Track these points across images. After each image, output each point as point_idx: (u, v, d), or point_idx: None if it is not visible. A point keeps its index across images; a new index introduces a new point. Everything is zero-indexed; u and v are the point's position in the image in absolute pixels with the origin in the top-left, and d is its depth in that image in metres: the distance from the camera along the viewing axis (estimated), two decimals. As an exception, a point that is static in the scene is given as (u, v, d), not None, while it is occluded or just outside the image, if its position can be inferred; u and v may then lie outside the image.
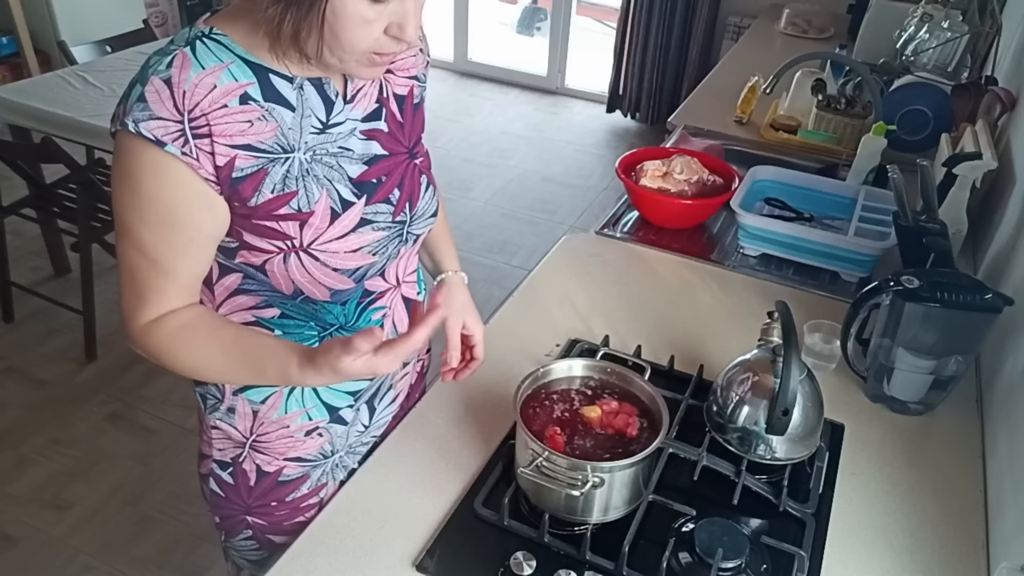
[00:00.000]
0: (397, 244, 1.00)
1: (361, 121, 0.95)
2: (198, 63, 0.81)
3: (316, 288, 0.95)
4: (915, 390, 1.22)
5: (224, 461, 1.09)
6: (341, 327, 1.03)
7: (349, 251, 0.94)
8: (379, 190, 0.96)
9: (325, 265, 0.93)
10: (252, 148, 0.84)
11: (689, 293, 1.53)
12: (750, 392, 1.06)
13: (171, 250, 0.87)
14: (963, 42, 2.16)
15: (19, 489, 2.24)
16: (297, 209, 0.89)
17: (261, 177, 0.86)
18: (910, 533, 1.04)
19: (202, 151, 0.81)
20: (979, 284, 1.17)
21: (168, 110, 0.80)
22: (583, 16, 5.53)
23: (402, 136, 1.00)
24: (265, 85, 0.85)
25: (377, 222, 0.96)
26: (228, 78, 0.83)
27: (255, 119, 0.84)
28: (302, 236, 0.90)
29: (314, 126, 0.90)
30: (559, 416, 1.01)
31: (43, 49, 4.03)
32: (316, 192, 0.90)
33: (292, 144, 0.88)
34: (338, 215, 0.92)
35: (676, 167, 1.72)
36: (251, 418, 1.05)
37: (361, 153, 0.95)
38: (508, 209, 3.81)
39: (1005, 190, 1.58)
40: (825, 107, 2.15)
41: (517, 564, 0.93)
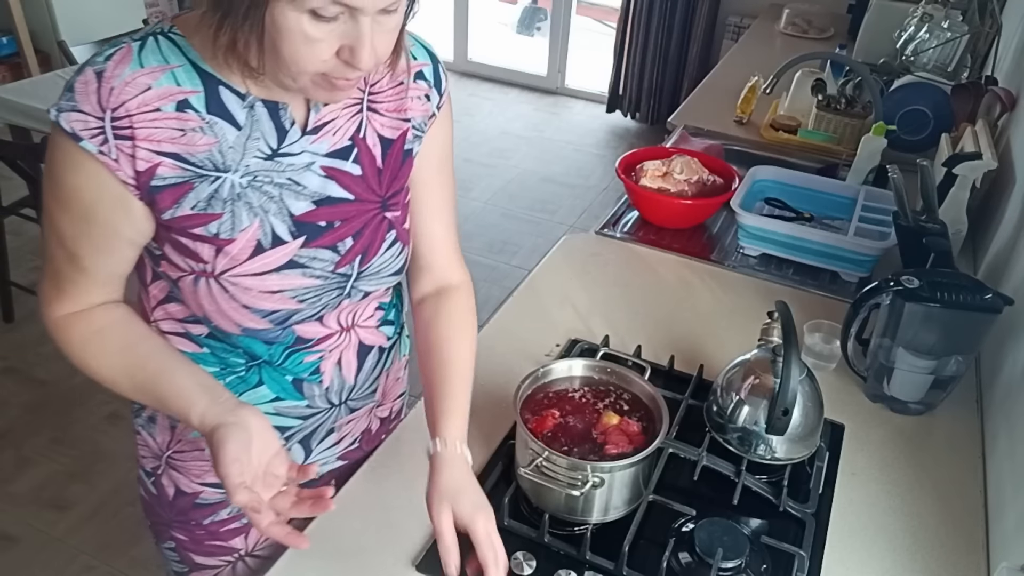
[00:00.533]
0: (336, 296, 0.92)
1: (324, 156, 0.87)
2: (138, 60, 0.77)
3: (223, 320, 0.87)
4: (915, 390, 1.22)
5: (146, 470, 1.06)
6: (268, 363, 0.96)
7: (265, 291, 0.86)
8: (325, 234, 0.88)
9: (234, 299, 0.86)
10: (180, 158, 0.79)
11: (689, 293, 1.53)
12: (750, 392, 1.06)
13: (88, 246, 0.83)
14: (963, 42, 2.16)
15: (19, 489, 2.24)
16: (215, 234, 0.82)
17: (184, 191, 0.80)
18: (910, 533, 1.04)
19: (122, 152, 0.77)
20: (979, 284, 1.17)
21: (91, 104, 0.76)
22: (583, 16, 5.53)
23: (377, 183, 0.91)
24: (212, 96, 0.79)
25: (311, 268, 0.88)
26: (169, 81, 0.77)
27: (190, 129, 0.79)
28: (215, 262, 0.84)
29: (261, 150, 0.83)
30: (560, 413, 1.01)
31: (43, 49, 4.03)
32: (245, 220, 0.83)
33: (228, 164, 0.81)
34: (263, 250, 0.85)
35: (676, 167, 1.72)
36: (169, 433, 1.01)
37: (314, 191, 0.86)
38: (508, 209, 3.82)
39: (1005, 190, 1.58)
40: (825, 107, 2.15)
41: (517, 564, 0.93)
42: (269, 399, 0.98)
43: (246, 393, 0.97)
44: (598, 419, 1.00)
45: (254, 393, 0.97)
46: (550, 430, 0.99)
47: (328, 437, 1.08)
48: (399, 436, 1.14)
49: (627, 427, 0.99)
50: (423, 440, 1.12)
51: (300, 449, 1.06)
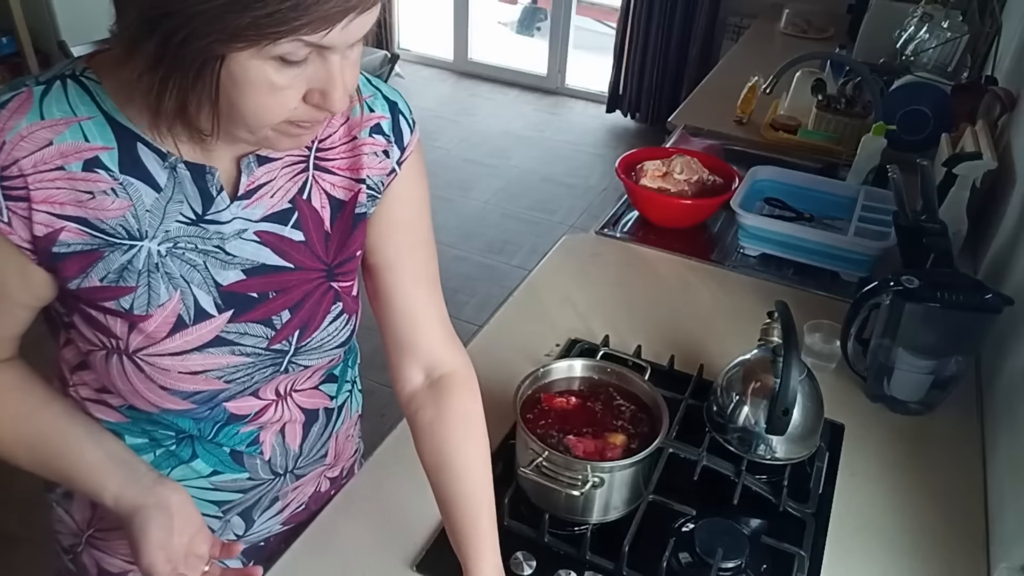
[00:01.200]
0: (270, 373, 0.83)
1: (259, 221, 0.76)
2: (39, 110, 0.66)
3: (139, 400, 0.78)
4: (915, 390, 1.22)
5: (63, 546, 0.95)
6: (197, 438, 0.86)
7: (186, 372, 0.76)
8: (258, 307, 0.78)
9: (151, 380, 0.76)
10: (87, 223, 0.69)
11: (689, 293, 1.53)
12: (750, 392, 1.06)
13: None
14: (963, 42, 2.16)
15: (19, 489, 2.23)
16: (128, 309, 0.72)
17: (92, 260, 0.70)
18: (910, 533, 1.04)
19: (16, 215, 0.67)
20: (979, 284, 1.17)
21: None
22: (583, 16, 5.53)
23: (324, 250, 0.81)
24: (127, 154, 0.69)
25: (241, 345, 0.78)
26: (75, 136, 0.67)
27: (99, 191, 0.68)
28: (128, 339, 0.74)
29: (184, 215, 0.72)
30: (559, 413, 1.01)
31: (43, 49, 4.03)
32: (164, 294, 0.73)
33: (145, 230, 0.71)
34: (185, 326, 0.74)
35: (676, 167, 1.72)
36: (90, 510, 0.91)
37: (245, 259, 0.76)
38: (508, 209, 3.81)
39: (1005, 190, 1.58)
40: (825, 107, 2.15)
41: (517, 564, 0.93)
42: (205, 474, 0.88)
43: (179, 468, 0.87)
44: (603, 434, 0.99)
45: (187, 468, 0.87)
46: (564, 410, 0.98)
47: (272, 506, 0.98)
48: (399, 436, 1.14)
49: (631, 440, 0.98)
50: (423, 440, 1.12)
51: (240, 521, 0.97)
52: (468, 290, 3.10)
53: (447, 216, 3.71)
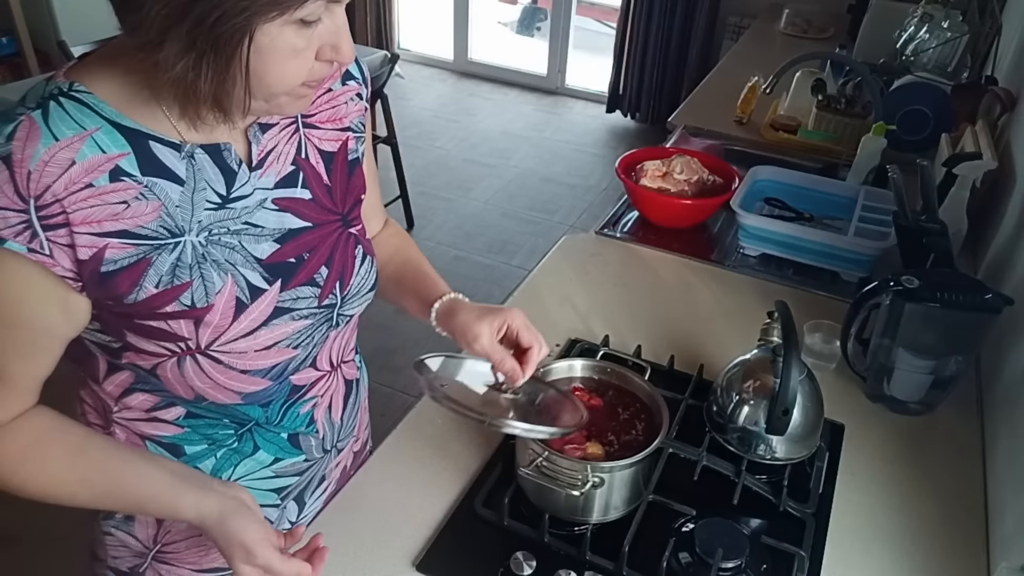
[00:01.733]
0: (326, 331, 0.87)
1: (273, 189, 0.79)
2: (49, 133, 0.65)
3: (221, 393, 0.80)
4: (915, 390, 1.22)
5: (120, 570, 0.95)
6: (262, 425, 0.90)
7: (261, 348, 0.79)
8: (299, 271, 0.81)
9: (231, 368, 0.78)
10: (129, 235, 0.69)
11: (689, 293, 1.53)
12: (750, 392, 1.06)
13: (8, 352, 0.72)
14: (963, 42, 2.16)
15: (19, 489, 2.24)
16: (190, 304, 0.74)
17: (142, 269, 0.71)
18: (910, 533, 1.04)
19: (57, 244, 0.66)
20: (979, 284, 1.17)
21: (8, 198, 0.64)
22: (583, 16, 5.53)
23: (331, 201, 0.85)
24: (143, 155, 0.69)
25: (298, 310, 0.82)
26: (92, 150, 0.67)
27: (131, 199, 0.69)
28: (198, 337, 0.75)
29: (210, 201, 0.74)
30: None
31: (43, 49, 4.03)
32: (218, 281, 0.75)
33: (181, 226, 0.72)
34: (245, 306, 0.77)
35: (676, 167, 1.72)
36: (156, 526, 0.92)
37: (273, 228, 0.79)
38: (508, 209, 3.81)
39: (1005, 190, 1.58)
40: (825, 107, 2.15)
41: (517, 564, 0.93)
42: (268, 463, 0.94)
43: (243, 463, 0.92)
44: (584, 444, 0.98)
45: (252, 461, 0.92)
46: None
47: (319, 486, 1.04)
48: (398, 436, 1.14)
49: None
50: (422, 440, 1.12)
51: (294, 505, 1.01)
52: (468, 290, 3.08)
53: (447, 216, 3.71)
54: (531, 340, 0.90)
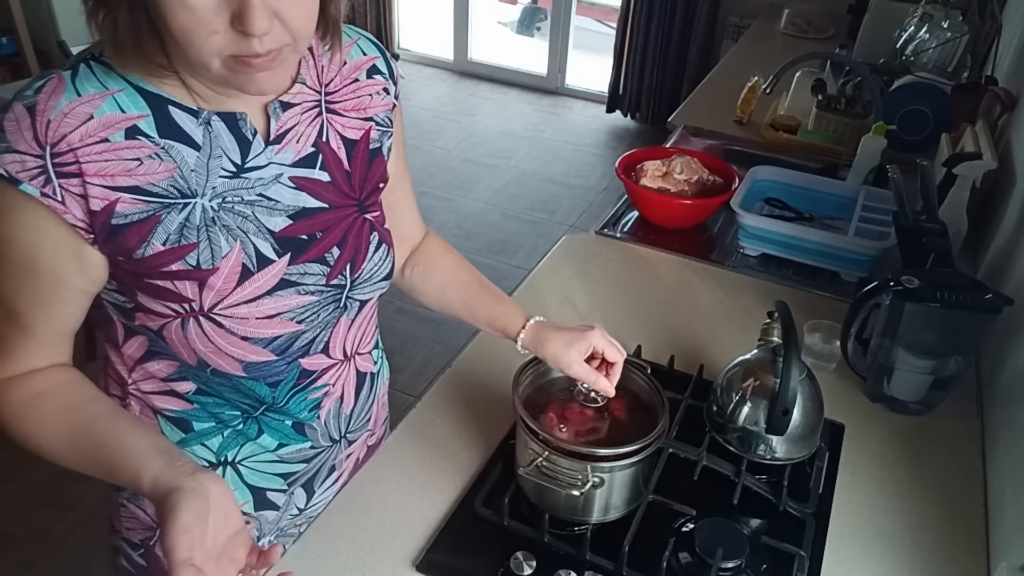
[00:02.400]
0: (333, 311, 0.89)
1: (291, 167, 0.82)
2: (73, 89, 0.69)
3: (223, 360, 0.82)
4: (915, 390, 1.22)
5: (133, 541, 0.98)
6: (268, 408, 0.92)
7: (263, 317, 0.81)
8: (311, 248, 0.84)
9: (231, 333, 0.80)
10: (140, 191, 0.72)
11: (689, 293, 1.53)
12: (750, 392, 1.06)
13: (29, 302, 0.75)
14: (963, 42, 2.16)
15: (19, 489, 2.24)
16: (195, 265, 0.76)
17: (151, 225, 0.73)
18: (910, 533, 1.04)
19: (69, 192, 0.69)
20: (979, 284, 1.17)
21: (27, 142, 0.68)
22: (583, 16, 5.53)
23: (349, 187, 0.87)
24: (162, 119, 0.73)
25: (304, 284, 0.83)
26: (112, 108, 0.71)
27: (145, 157, 0.72)
28: (201, 298, 0.77)
29: (225, 168, 0.77)
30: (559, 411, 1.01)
31: (43, 49, 4.03)
32: (225, 245, 0.77)
33: (194, 188, 0.75)
34: (251, 274, 0.79)
35: (676, 167, 1.72)
36: None
37: (287, 205, 0.81)
38: (508, 209, 3.81)
39: (1005, 190, 1.58)
40: (825, 107, 2.15)
41: (517, 564, 0.93)
42: (272, 448, 0.95)
43: (247, 445, 0.93)
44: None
45: (255, 445, 0.94)
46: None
47: (330, 476, 1.05)
48: (398, 436, 1.14)
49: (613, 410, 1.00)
50: (422, 440, 1.12)
51: (303, 493, 1.03)
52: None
53: (447, 216, 3.71)
54: (615, 356, 0.99)
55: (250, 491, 0.96)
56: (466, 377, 1.26)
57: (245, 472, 0.95)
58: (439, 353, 2.80)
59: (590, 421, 1.00)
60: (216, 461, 0.93)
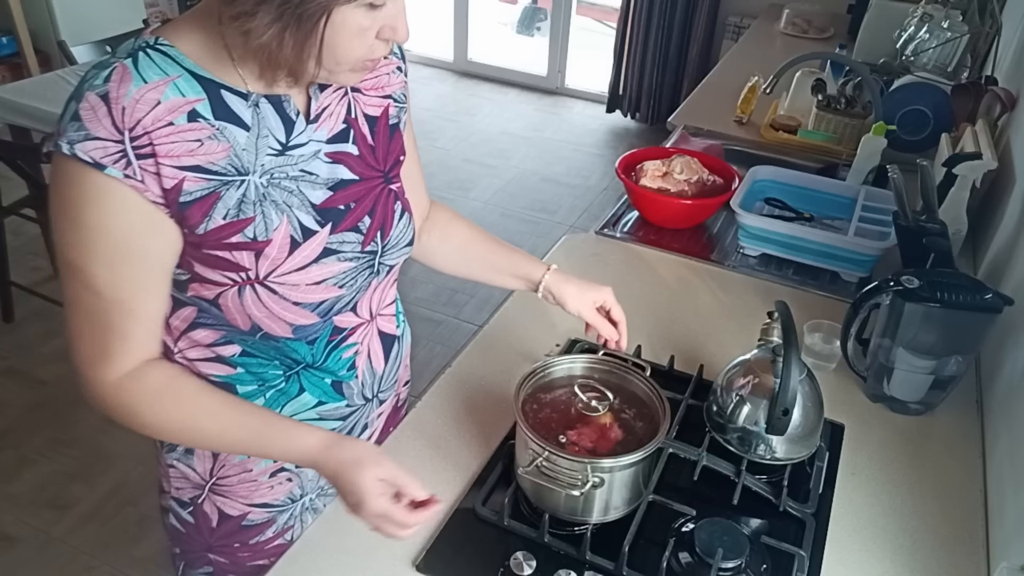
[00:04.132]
0: (368, 276, 0.95)
1: (326, 143, 0.88)
2: (139, 76, 0.74)
3: (275, 324, 0.88)
4: (915, 390, 1.22)
5: (182, 500, 1.03)
6: (309, 366, 0.97)
7: (311, 283, 0.87)
8: (346, 217, 0.90)
9: (284, 299, 0.86)
10: (202, 170, 0.78)
11: (689, 293, 1.53)
12: (750, 392, 1.06)
13: (133, 286, 0.79)
14: (963, 42, 2.16)
15: (19, 489, 2.24)
16: (252, 237, 0.82)
17: (212, 201, 0.79)
18: (910, 533, 1.04)
19: (147, 172, 0.75)
20: (979, 284, 1.17)
21: (106, 129, 0.73)
22: (583, 16, 5.53)
23: (375, 159, 0.94)
24: (216, 102, 0.79)
25: (343, 252, 0.90)
26: (174, 93, 0.76)
27: (205, 138, 0.78)
28: (257, 267, 0.83)
29: (272, 147, 0.83)
30: (560, 414, 1.01)
31: (43, 49, 4.03)
32: (275, 219, 0.83)
33: (246, 167, 0.81)
34: (298, 244, 0.86)
35: (676, 167, 1.72)
36: (211, 460, 1.00)
37: (326, 178, 0.88)
38: (508, 209, 3.81)
39: (1005, 190, 1.58)
40: (825, 107, 2.15)
41: (517, 564, 0.93)
42: (312, 405, 0.99)
43: (288, 404, 0.98)
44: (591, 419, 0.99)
45: (297, 402, 0.98)
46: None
47: (363, 434, 1.09)
48: (398, 436, 1.14)
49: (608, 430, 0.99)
50: (422, 440, 1.12)
51: None
52: (468, 290, 3.10)
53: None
54: (620, 315, 1.12)
55: None
56: (466, 377, 1.26)
57: None
58: (439, 353, 2.80)
59: (591, 425, 1.00)
60: None
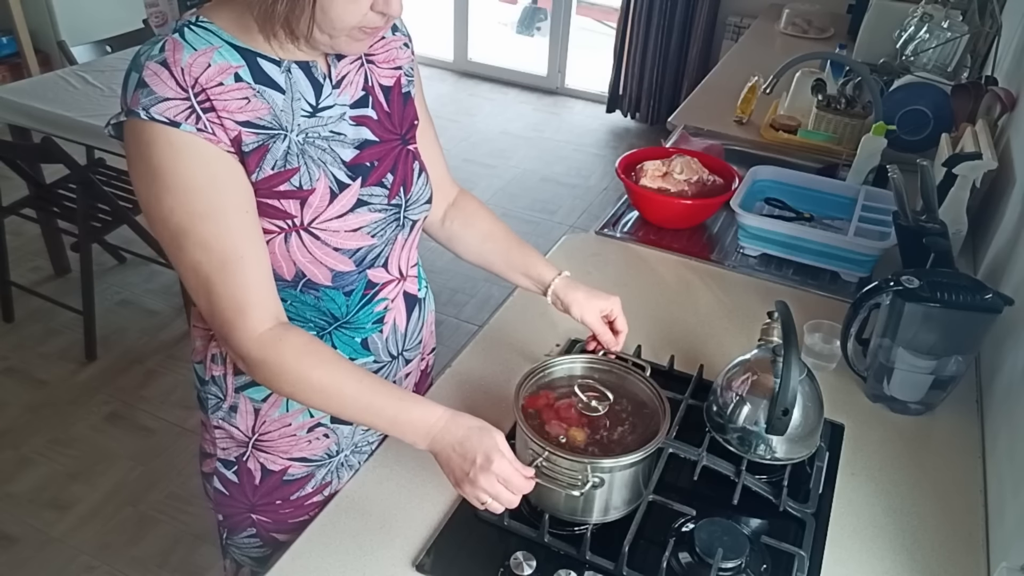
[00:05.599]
0: (395, 228, 1.01)
1: (350, 107, 0.96)
2: (190, 46, 0.82)
3: (318, 269, 0.94)
4: (915, 390, 1.22)
5: (228, 460, 1.09)
6: (341, 324, 1.02)
7: (349, 230, 0.94)
8: (372, 174, 0.97)
9: (326, 244, 0.93)
10: (252, 124, 0.85)
11: (689, 293, 1.53)
12: (750, 392, 1.06)
13: (236, 234, 0.85)
14: (963, 42, 2.16)
15: (19, 489, 2.24)
16: (298, 186, 0.89)
17: (263, 153, 0.86)
18: (910, 533, 1.04)
19: (215, 124, 0.82)
20: (979, 284, 1.17)
21: (172, 89, 0.80)
22: (583, 16, 5.53)
23: (391, 124, 1.01)
24: (254, 68, 0.86)
25: (373, 203, 0.97)
26: (220, 59, 0.83)
27: (251, 96, 0.85)
28: (303, 214, 0.90)
29: (304, 109, 0.90)
30: (559, 413, 1.01)
31: (43, 49, 4.03)
32: (315, 171, 0.91)
33: (285, 125, 0.88)
34: (336, 195, 0.93)
35: (676, 167, 1.72)
36: (253, 416, 1.05)
37: (353, 138, 0.95)
38: (508, 209, 3.81)
39: (1005, 190, 1.58)
40: (825, 107, 2.15)
41: (517, 564, 0.93)
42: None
43: None
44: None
45: None
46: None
47: None
48: (399, 436, 1.14)
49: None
50: (423, 440, 1.12)
51: None
52: (468, 290, 3.10)
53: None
54: (623, 325, 1.17)
55: None
56: (466, 377, 1.26)
57: None
58: (439, 353, 2.80)
59: (590, 425, 1.00)
60: None
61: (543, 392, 1.04)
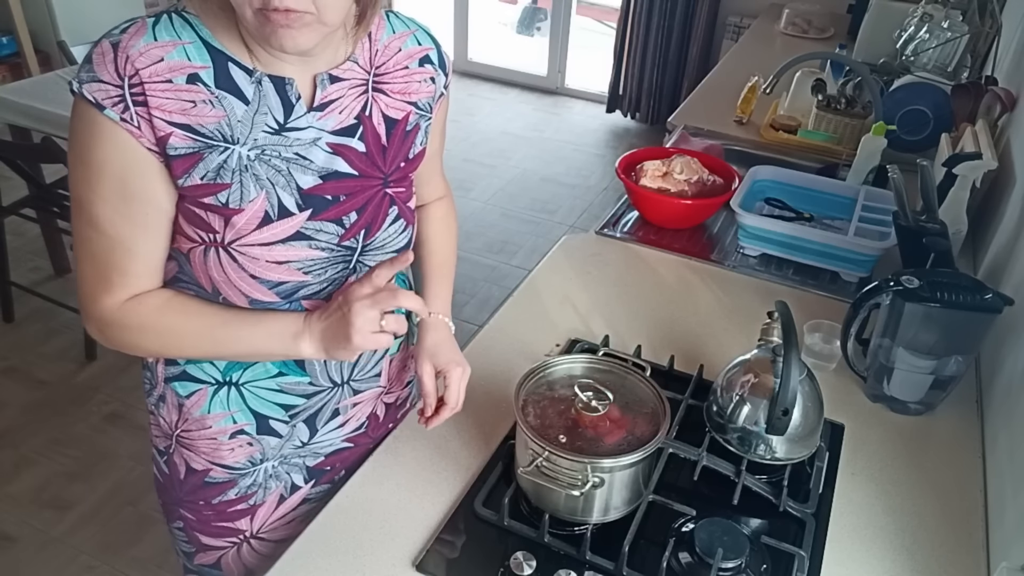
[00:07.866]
0: (341, 270, 0.96)
1: (331, 133, 0.90)
2: (152, 34, 0.80)
3: (231, 291, 0.91)
4: (915, 390, 1.22)
5: (159, 449, 1.08)
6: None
7: (273, 261, 0.89)
8: (331, 208, 0.91)
9: (242, 269, 0.89)
10: (190, 129, 0.82)
11: (689, 293, 1.53)
12: (750, 392, 1.06)
13: (129, 225, 0.85)
14: (963, 42, 2.16)
15: (19, 489, 2.24)
16: (224, 203, 0.86)
17: (194, 161, 0.83)
18: (910, 533, 1.04)
19: (142, 119, 0.80)
20: (979, 284, 1.17)
21: (109, 73, 0.79)
22: (583, 16, 5.53)
23: (381, 160, 0.95)
24: (220, 72, 0.83)
25: (317, 240, 0.91)
26: (180, 56, 0.81)
27: (200, 101, 0.82)
28: (224, 231, 0.87)
29: (269, 125, 0.86)
30: (559, 414, 1.01)
31: (43, 49, 4.03)
32: (253, 191, 0.86)
33: (237, 137, 0.85)
34: (270, 221, 0.88)
35: (676, 167, 1.72)
36: (177, 412, 1.03)
37: (320, 166, 0.90)
38: (508, 209, 3.81)
39: (1005, 190, 1.58)
40: (825, 107, 2.15)
41: (517, 564, 0.93)
42: (273, 374, 1.01)
43: (250, 368, 1.01)
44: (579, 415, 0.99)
45: (260, 367, 1.01)
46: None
47: (334, 419, 1.09)
48: (398, 436, 1.14)
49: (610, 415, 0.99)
50: (422, 440, 1.12)
51: (305, 428, 1.07)
52: (468, 290, 3.11)
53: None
54: (453, 400, 1.04)
55: (253, 415, 1.03)
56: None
57: (248, 395, 1.02)
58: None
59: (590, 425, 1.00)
60: (222, 380, 1.00)
61: (543, 392, 1.04)
